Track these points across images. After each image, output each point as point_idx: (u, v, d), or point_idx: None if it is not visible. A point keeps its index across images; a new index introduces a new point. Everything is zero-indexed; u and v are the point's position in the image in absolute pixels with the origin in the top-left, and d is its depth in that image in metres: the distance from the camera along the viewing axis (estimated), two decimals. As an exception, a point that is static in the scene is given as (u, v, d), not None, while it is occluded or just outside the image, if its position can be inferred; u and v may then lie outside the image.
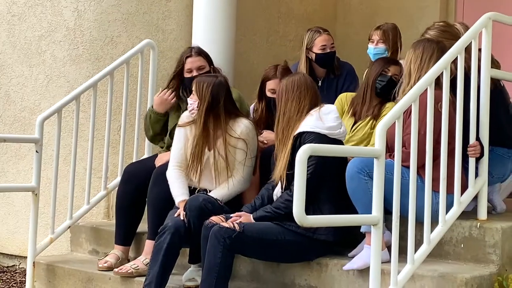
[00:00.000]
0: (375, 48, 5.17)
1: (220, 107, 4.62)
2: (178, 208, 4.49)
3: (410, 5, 6.73)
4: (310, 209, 3.49)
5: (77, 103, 5.21)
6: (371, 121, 4.65)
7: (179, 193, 4.55)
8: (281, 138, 4.31)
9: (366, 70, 4.91)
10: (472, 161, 4.16)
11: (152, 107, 5.12)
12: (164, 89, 5.05)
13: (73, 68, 5.77)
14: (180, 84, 5.09)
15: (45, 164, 5.15)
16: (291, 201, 4.00)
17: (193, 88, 4.64)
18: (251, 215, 4.25)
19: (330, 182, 4.16)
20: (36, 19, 5.93)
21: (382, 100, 4.69)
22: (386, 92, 4.65)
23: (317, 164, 3.76)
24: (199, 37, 5.59)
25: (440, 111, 3.96)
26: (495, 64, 4.56)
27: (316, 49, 5.28)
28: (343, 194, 4.14)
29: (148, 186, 4.76)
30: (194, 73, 4.98)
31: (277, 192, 4.29)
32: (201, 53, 5.13)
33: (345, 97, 4.89)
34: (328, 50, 5.28)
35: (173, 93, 5.01)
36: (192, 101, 4.60)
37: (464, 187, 4.11)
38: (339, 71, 5.32)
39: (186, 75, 5.03)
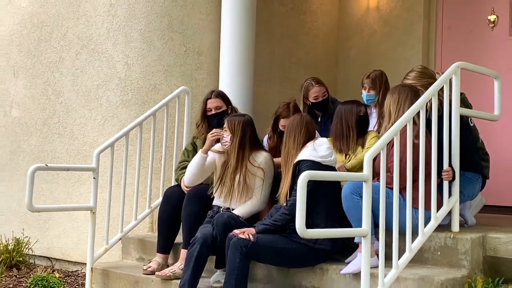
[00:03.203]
0: (367, 95, 5.10)
1: (247, 140, 4.61)
2: (208, 224, 4.48)
3: (397, 56, 6.76)
4: (309, 222, 3.47)
5: (127, 138, 5.23)
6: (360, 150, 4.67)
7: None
8: (284, 166, 4.34)
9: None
10: (446, 183, 4.14)
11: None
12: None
13: (124, 110, 5.79)
14: (206, 122, 5.07)
15: (101, 188, 5.15)
16: (287, 214, 4.09)
17: (226, 125, 4.60)
18: (254, 228, 4.22)
19: (325, 200, 4.14)
20: (94, 71, 5.98)
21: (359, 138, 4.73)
22: (364, 127, 4.74)
23: (312, 186, 3.71)
24: (225, 84, 5.57)
25: (418, 144, 3.95)
26: (465, 104, 4.54)
27: (311, 99, 5.30)
28: (337, 209, 4.14)
29: (182, 206, 4.76)
30: (213, 112, 5.00)
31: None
32: (219, 95, 5.14)
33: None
34: (320, 99, 5.28)
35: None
36: (226, 135, 4.58)
37: (439, 204, 4.09)
38: (331, 109, 5.25)
39: (208, 113, 5.04)
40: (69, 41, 6.19)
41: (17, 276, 5.75)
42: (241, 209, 4.54)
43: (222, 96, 5.15)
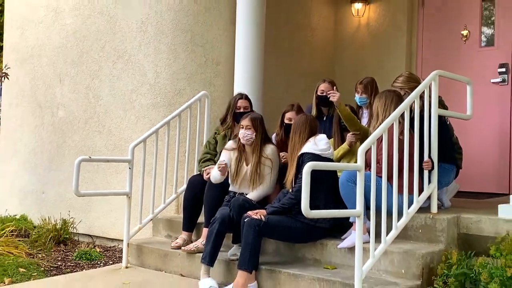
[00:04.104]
0: (360, 98, 5.06)
1: (263, 135, 4.63)
2: (225, 206, 4.46)
3: (384, 65, 6.76)
4: (311, 205, 3.46)
5: (157, 135, 5.23)
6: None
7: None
8: (290, 158, 4.36)
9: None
10: (426, 172, 4.16)
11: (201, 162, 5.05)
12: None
13: (154, 111, 5.79)
14: (233, 117, 5.04)
15: (135, 177, 5.13)
16: (293, 199, 4.11)
17: (249, 123, 4.55)
18: (265, 210, 4.23)
19: (325, 187, 4.15)
20: (129, 78, 5.98)
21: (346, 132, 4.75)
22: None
23: (313, 175, 3.61)
24: (239, 89, 5.50)
25: (402, 139, 3.99)
26: (443, 105, 4.55)
27: (318, 93, 5.18)
28: (334, 194, 4.17)
29: (204, 191, 4.77)
30: (241, 110, 4.99)
31: (289, 194, 4.31)
32: (247, 97, 5.16)
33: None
34: (324, 94, 5.08)
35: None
36: (250, 133, 4.55)
37: (420, 190, 4.11)
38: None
39: (237, 111, 5.02)
40: (107, 53, 6.20)
41: (64, 250, 5.78)
42: (254, 194, 4.55)
43: (249, 99, 5.16)
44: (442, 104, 4.53)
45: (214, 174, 4.62)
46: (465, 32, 6.44)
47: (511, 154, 6.00)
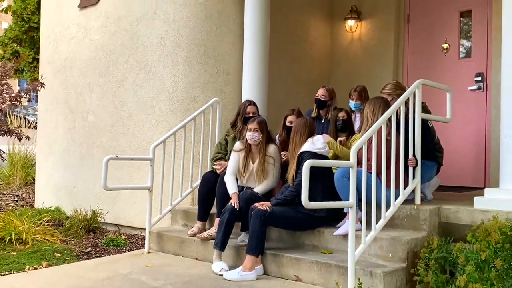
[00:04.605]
0: (355, 104, 5.05)
1: (267, 136, 4.68)
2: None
3: (374, 75, 6.75)
4: (310, 197, 3.49)
5: (174, 136, 5.25)
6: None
7: (232, 189, 4.57)
8: (291, 156, 4.39)
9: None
10: (410, 169, 4.17)
11: (214, 160, 5.06)
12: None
13: (172, 116, 5.79)
14: (243, 121, 5.02)
15: (155, 173, 5.15)
16: (294, 192, 4.12)
17: (256, 126, 4.58)
18: (270, 202, 4.26)
19: (322, 181, 4.18)
20: (150, 87, 5.98)
21: (343, 134, 4.76)
22: (343, 129, 4.76)
23: (312, 171, 3.65)
24: (246, 96, 5.54)
25: (390, 140, 4.00)
26: (426, 110, 4.55)
27: (316, 96, 5.23)
28: (330, 187, 4.18)
29: (216, 186, 4.77)
30: (250, 115, 4.98)
31: (290, 188, 4.30)
32: (255, 104, 5.17)
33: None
34: (320, 98, 5.17)
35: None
36: (257, 134, 4.58)
37: (406, 184, 4.12)
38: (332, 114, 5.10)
39: (246, 116, 5.01)
40: (130, 65, 6.21)
41: (94, 238, 5.81)
42: (260, 188, 4.59)
43: (256, 105, 5.18)
44: (425, 109, 4.53)
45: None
46: (445, 45, 6.45)
47: (486, 152, 6.00)
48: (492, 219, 3.59)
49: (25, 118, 11.60)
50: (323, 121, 5.23)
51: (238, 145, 4.78)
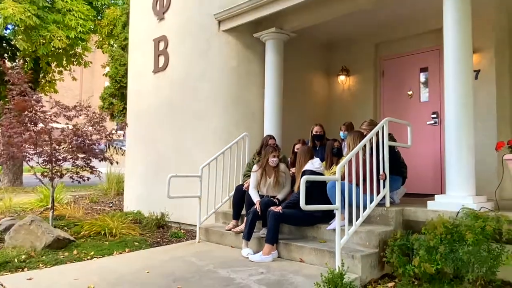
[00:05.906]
0: (344, 134, 5.05)
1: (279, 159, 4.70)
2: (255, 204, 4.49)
3: (359, 113, 6.64)
4: (309, 202, 3.53)
5: (216, 161, 5.31)
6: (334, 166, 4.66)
7: (255, 198, 4.59)
8: (297, 172, 4.41)
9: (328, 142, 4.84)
10: (381, 181, 4.15)
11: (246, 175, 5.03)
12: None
13: (214, 146, 5.76)
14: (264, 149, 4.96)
15: (203, 186, 5.17)
16: (297, 198, 3.96)
17: (276, 153, 4.58)
18: (282, 206, 4.27)
19: (317, 191, 4.16)
20: (201, 128, 5.93)
21: (335, 157, 4.69)
22: (338, 154, 4.71)
23: (310, 184, 3.78)
24: (267, 131, 5.59)
25: (365, 160, 3.99)
26: (393, 139, 4.54)
27: (313, 132, 5.24)
28: (323, 195, 4.15)
29: (245, 195, 4.80)
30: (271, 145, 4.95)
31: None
32: (273, 137, 5.19)
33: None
34: (318, 133, 5.19)
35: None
36: (276, 159, 4.60)
37: (378, 192, 4.09)
38: (325, 143, 5.08)
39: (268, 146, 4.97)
40: (187, 113, 6.23)
41: (162, 232, 5.79)
42: (281, 195, 4.62)
43: (274, 138, 5.19)
44: (392, 138, 4.53)
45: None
46: (410, 92, 6.38)
47: (442, 168, 5.88)
48: (438, 217, 3.58)
49: (120, 148, 11.92)
50: (317, 148, 5.20)
51: (255, 167, 4.77)
